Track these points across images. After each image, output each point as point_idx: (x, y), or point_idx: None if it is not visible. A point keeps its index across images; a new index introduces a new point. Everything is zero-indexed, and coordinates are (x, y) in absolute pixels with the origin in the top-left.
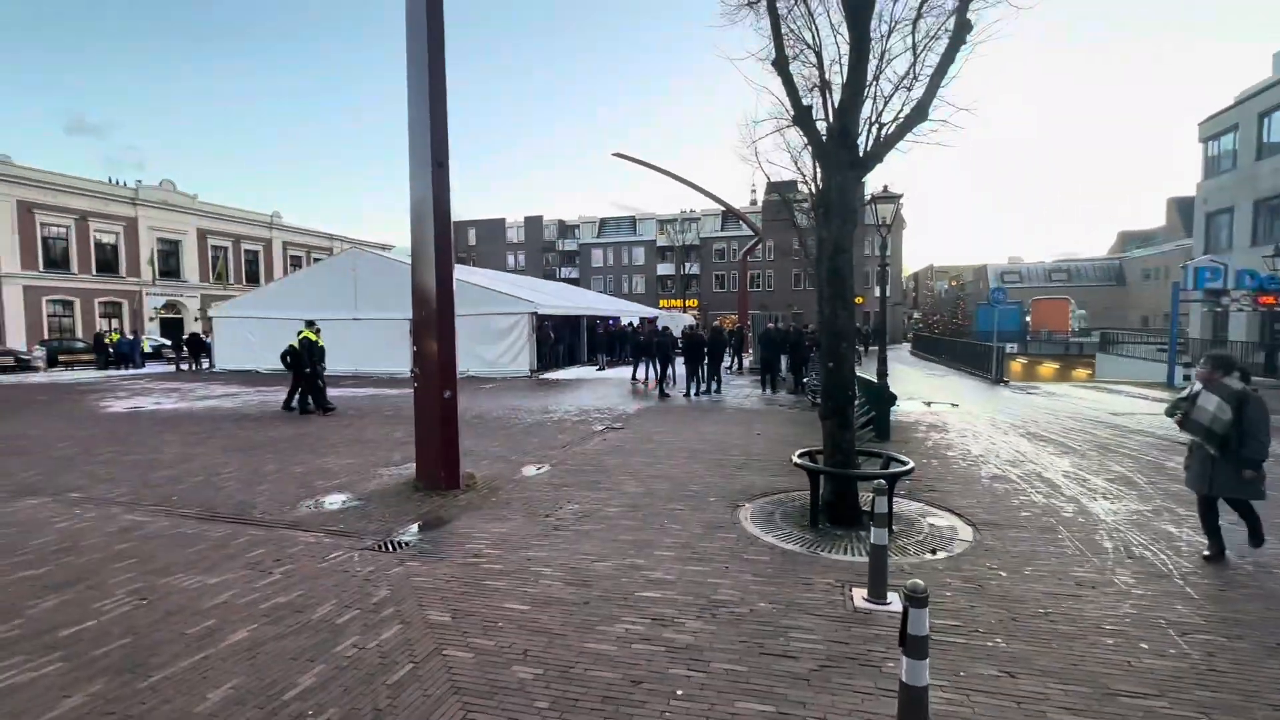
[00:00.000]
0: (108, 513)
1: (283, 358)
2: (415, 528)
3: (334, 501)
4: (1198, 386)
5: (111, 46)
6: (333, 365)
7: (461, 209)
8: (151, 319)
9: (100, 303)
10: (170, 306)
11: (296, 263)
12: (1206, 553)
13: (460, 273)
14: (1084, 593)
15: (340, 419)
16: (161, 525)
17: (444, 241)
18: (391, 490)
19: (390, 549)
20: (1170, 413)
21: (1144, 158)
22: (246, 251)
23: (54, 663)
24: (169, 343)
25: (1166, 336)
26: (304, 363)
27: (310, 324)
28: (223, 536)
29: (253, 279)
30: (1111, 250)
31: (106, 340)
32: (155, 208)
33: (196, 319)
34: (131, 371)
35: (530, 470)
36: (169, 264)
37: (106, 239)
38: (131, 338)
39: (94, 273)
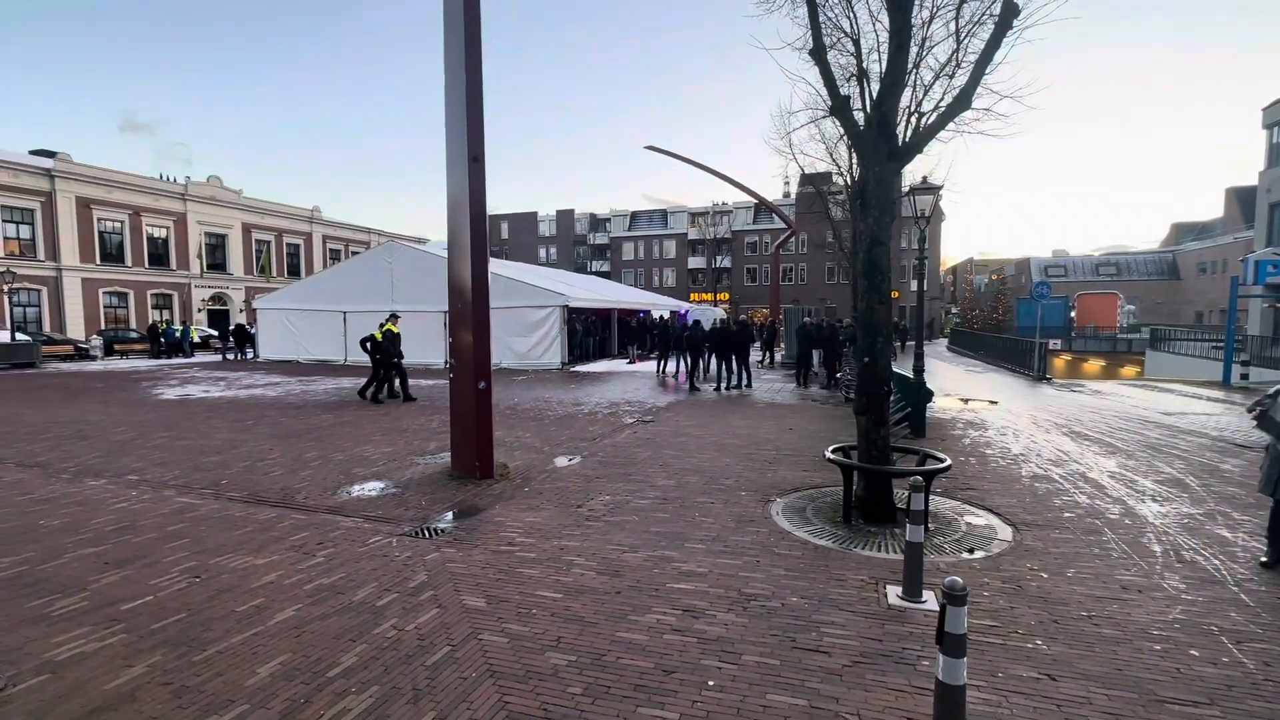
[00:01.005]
0: (161, 495)
1: (362, 344)
2: (451, 515)
3: (373, 488)
4: None
5: (162, 45)
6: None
7: (494, 202)
8: (199, 310)
9: (152, 294)
10: (217, 298)
11: (335, 255)
12: (1264, 559)
13: (493, 265)
14: (1130, 596)
15: (379, 409)
16: (211, 508)
17: (479, 235)
18: (428, 478)
19: (427, 535)
20: (1251, 409)
21: (1201, 147)
22: (288, 245)
23: (117, 634)
24: (215, 333)
25: (1223, 333)
26: (391, 353)
27: (393, 316)
28: (269, 520)
29: (294, 272)
30: (1164, 243)
31: (159, 330)
32: (203, 203)
33: (241, 310)
34: (181, 360)
35: (562, 461)
36: (216, 257)
37: (158, 233)
38: (181, 328)
39: (146, 266)
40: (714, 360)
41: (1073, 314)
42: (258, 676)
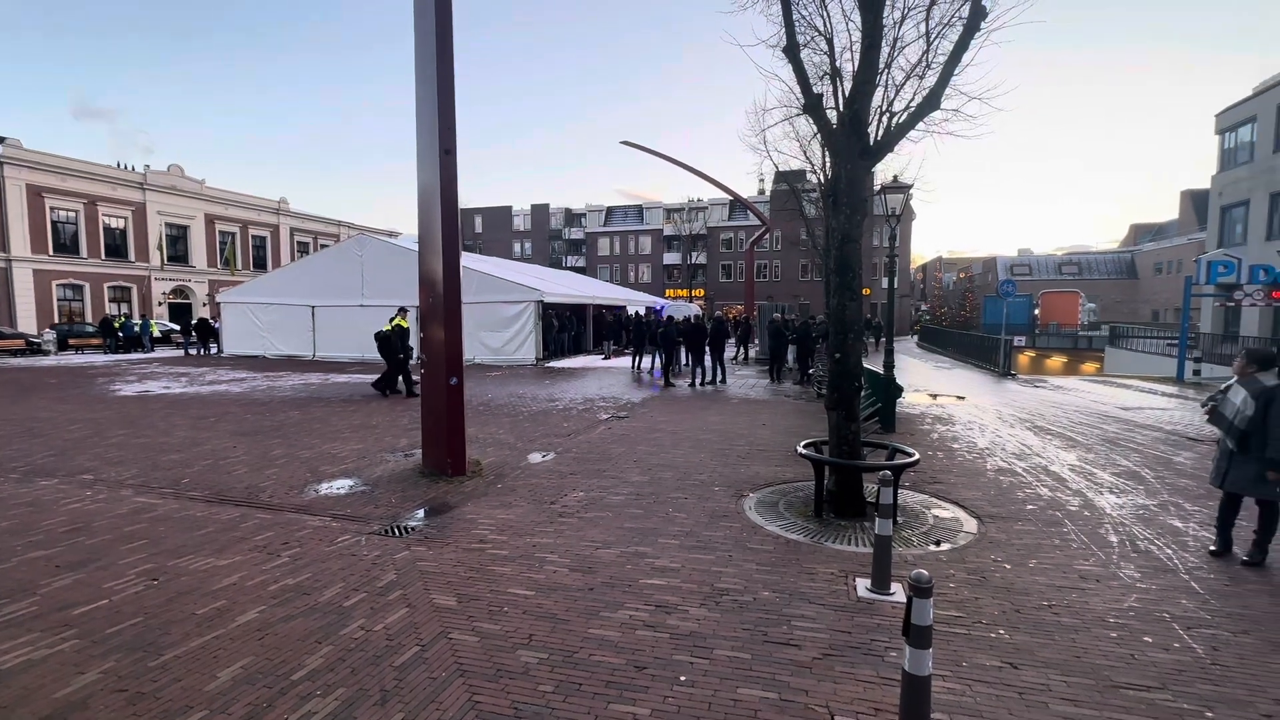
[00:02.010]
0: (118, 494)
1: (377, 338)
2: (421, 513)
3: (341, 486)
4: (1233, 380)
5: (121, 31)
6: (341, 350)
7: (468, 196)
8: (160, 304)
9: (109, 287)
10: (178, 291)
11: (303, 249)
12: (1213, 548)
13: (466, 260)
14: (1088, 586)
15: (348, 404)
16: (171, 507)
17: (451, 228)
18: (398, 476)
19: (397, 533)
20: (1204, 404)
21: (1159, 149)
22: (254, 237)
23: (68, 640)
24: (177, 327)
25: (1177, 331)
26: (397, 349)
27: (403, 311)
28: (231, 519)
29: (260, 265)
30: (1123, 243)
31: (115, 324)
32: (163, 192)
33: (204, 304)
34: (140, 356)
35: (536, 457)
36: (177, 249)
37: (115, 223)
38: (140, 322)
39: (103, 257)
40: (688, 356)
41: (1036, 312)
42: (218, 681)
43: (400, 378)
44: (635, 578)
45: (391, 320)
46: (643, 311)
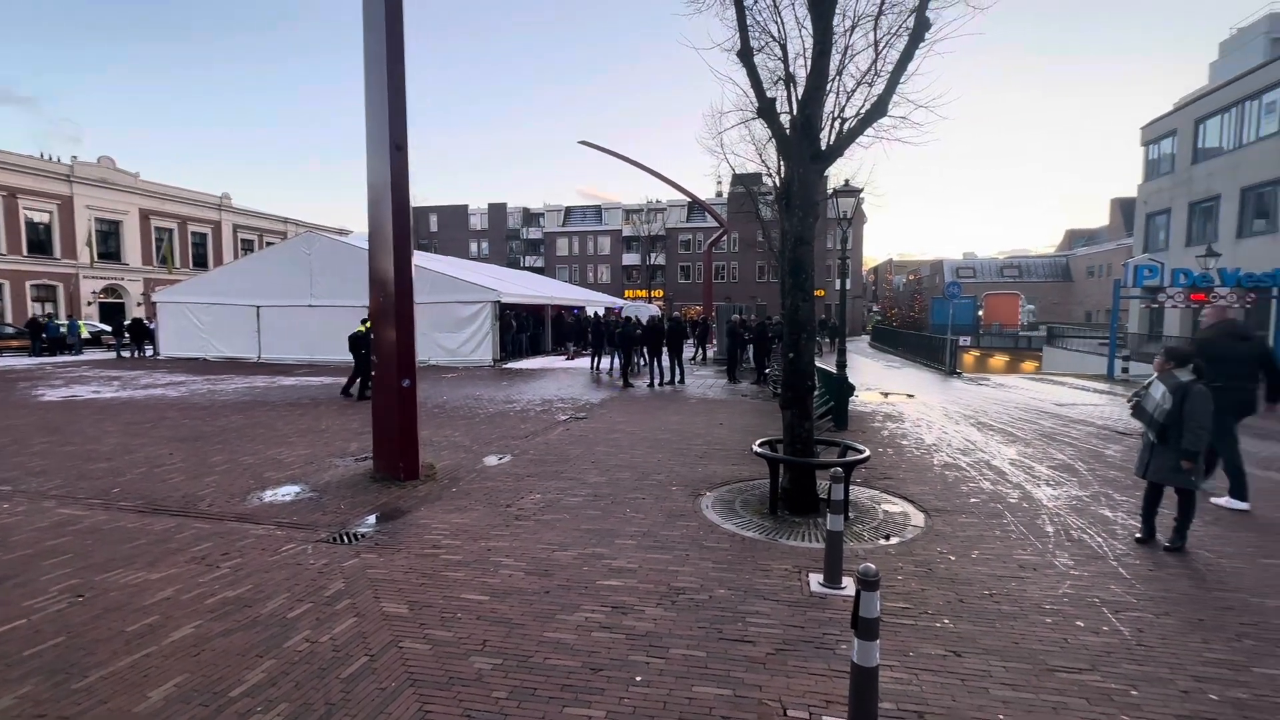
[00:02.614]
0: (39, 506)
1: (351, 340)
2: (372, 519)
3: (287, 493)
4: (1154, 376)
5: (48, 18)
6: (288, 353)
7: (423, 195)
8: (89, 303)
9: (33, 285)
10: (110, 290)
11: (248, 246)
12: (1139, 535)
13: (421, 259)
14: (1026, 574)
15: (295, 408)
16: (99, 519)
17: (403, 226)
18: (348, 481)
19: (346, 541)
20: (1129, 399)
21: (1093, 158)
22: (194, 234)
23: None
24: (109, 328)
25: (1108, 331)
26: (362, 349)
27: None
28: (166, 530)
29: (200, 263)
30: (1059, 248)
31: (41, 324)
32: (93, 185)
33: (139, 304)
34: (68, 358)
35: (492, 460)
36: (108, 245)
37: (39, 218)
38: (67, 322)
39: (25, 254)
40: (647, 357)
41: (980, 313)
42: (149, 701)
43: (360, 380)
44: (592, 579)
45: (364, 320)
46: (602, 312)
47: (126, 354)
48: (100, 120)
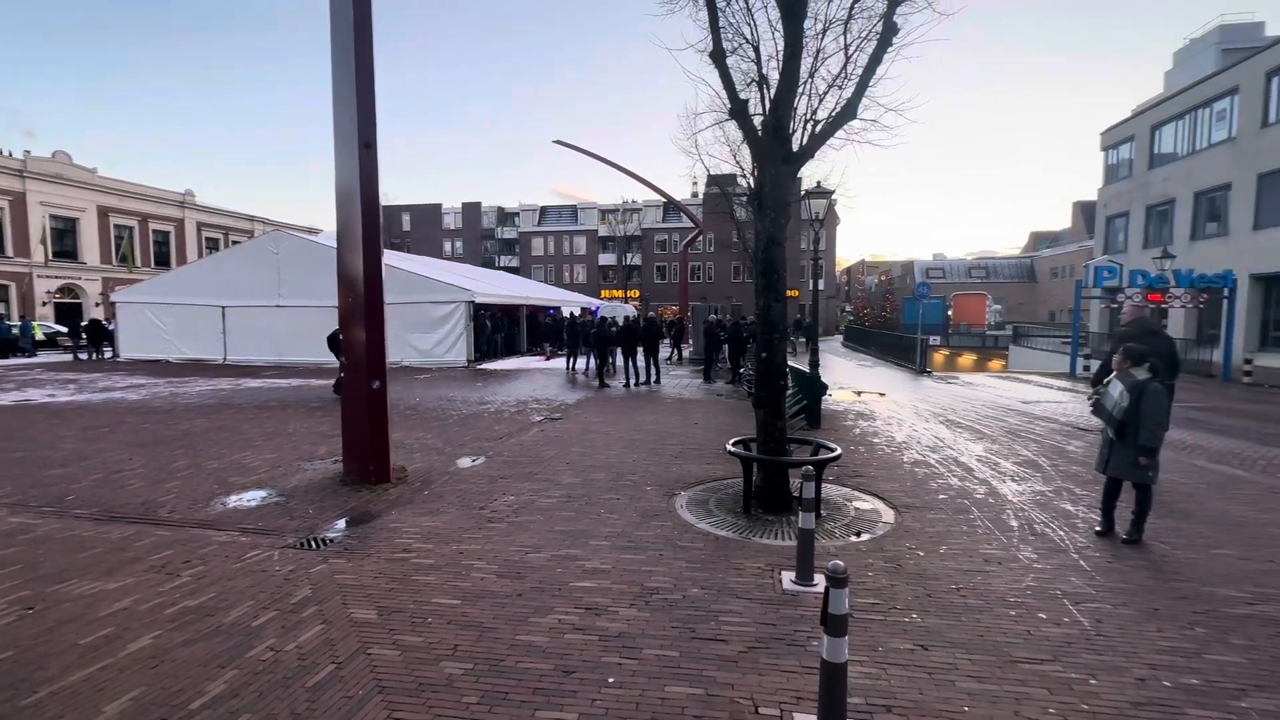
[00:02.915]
0: None
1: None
2: (341, 523)
3: (253, 498)
4: (1114, 374)
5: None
6: (255, 354)
7: (395, 193)
8: (44, 304)
9: None
10: (66, 290)
11: (213, 245)
12: (1099, 529)
13: (392, 259)
14: (991, 569)
15: (262, 410)
16: (53, 528)
17: (372, 225)
18: (316, 485)
19: (314, 546)
20: (1089, 397)
21: (1058, 161)
22: (155, 232)
23: None
24: (65, 329)
25: (1070, 331)
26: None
27: None
28: (124, 538)
29: (162, 262)
30: (1025, 249)
31: None
32: (47, 181)
33: (97, 304)
34: (20, 360)
35: (465, 462)
36: (64, 243)
37: None
38: (19, 323)
39: None
40: (623, 357)
41: (950, 312)
42: (103, 716)
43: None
44: (565, 581)
45: None
46: (578, 312)
47: (84, 356)
48: (56, 119)
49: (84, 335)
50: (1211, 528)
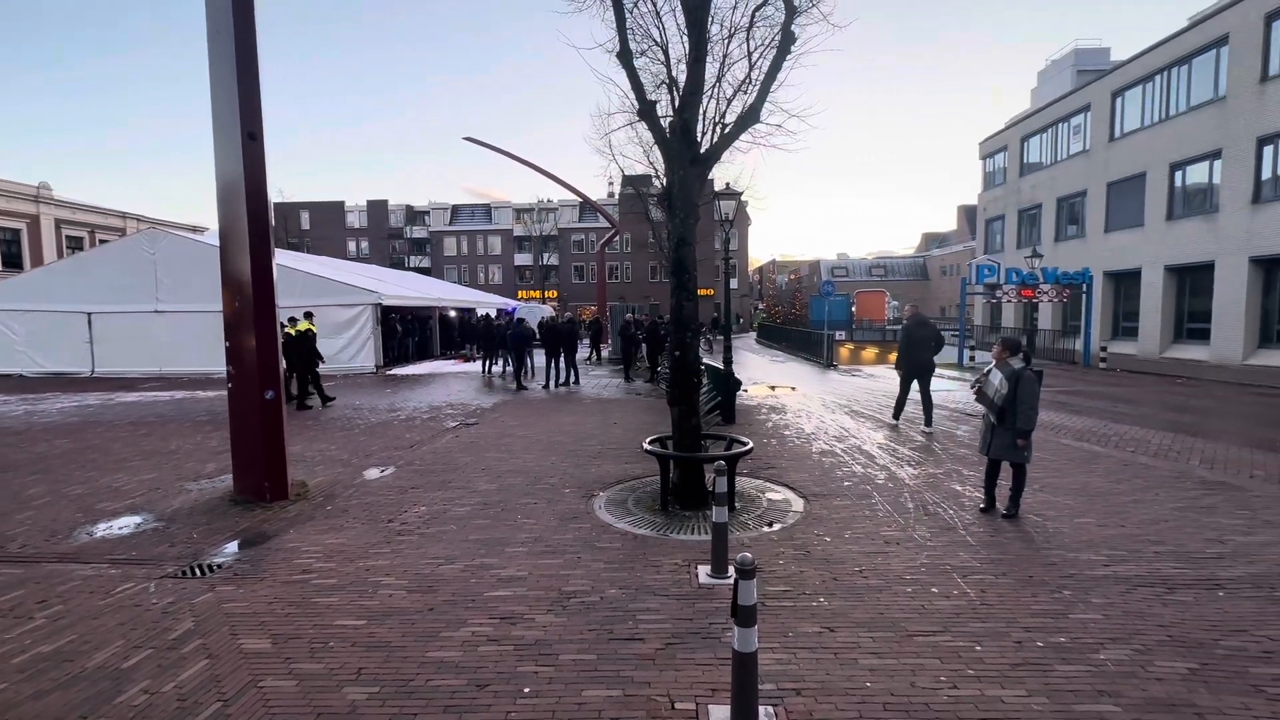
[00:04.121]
0: None
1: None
2: (231, 547)
3: (125, 525)
4: (993, 364)
5: None
6: (130, 365)
7: (290, 188)
8: None
9: None
10: None
11: (76, 245)
12: (982, 506)
13: (289, 259)
14: (891, 549)
15: (138, 427)
16: None
17: (260, 223)
18: (202, 506)
19: (198, 574)
20: (972, 385)
21: (948, 166)
22: (3, 230)
23: None
24: None
25: (958, 324)
26: (309, 355)
27: (308, 314)
28: None
29: (13, 263)
30: (918, 249)
31: None
32: None
33: None
34: None
35: (373, 473)
36: None
37: None
38: None
39: None
40: (546, 358)
41: (853, 309)
42: None
43: (314, 387)
44: (480, 591)
45: (296, 324)
46: (494, 314)
47: None
48: None
49: None
50: (1075, 499)
